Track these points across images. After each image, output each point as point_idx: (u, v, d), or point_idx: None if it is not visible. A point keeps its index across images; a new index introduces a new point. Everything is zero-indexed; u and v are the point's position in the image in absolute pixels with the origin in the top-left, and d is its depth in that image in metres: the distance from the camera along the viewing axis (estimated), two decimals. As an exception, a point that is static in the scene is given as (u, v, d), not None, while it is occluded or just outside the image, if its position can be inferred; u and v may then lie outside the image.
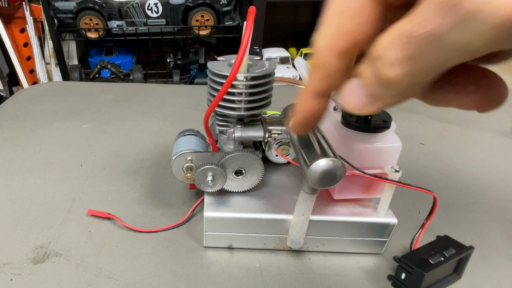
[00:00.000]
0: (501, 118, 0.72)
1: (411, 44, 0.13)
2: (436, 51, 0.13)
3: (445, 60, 0.13)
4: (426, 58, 0.13)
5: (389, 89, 0.15)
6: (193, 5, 1.69)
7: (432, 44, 0.13)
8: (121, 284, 0.35)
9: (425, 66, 0.13)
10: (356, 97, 0.16)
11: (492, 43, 0.12)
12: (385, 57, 0.14)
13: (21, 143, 0.57)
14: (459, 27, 0.12)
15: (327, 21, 0.16)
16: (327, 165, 0.27)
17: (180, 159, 0.37)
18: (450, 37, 0.12)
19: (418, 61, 0.13)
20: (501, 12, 0.11)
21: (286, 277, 0.36)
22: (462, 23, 0.12)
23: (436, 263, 0.33)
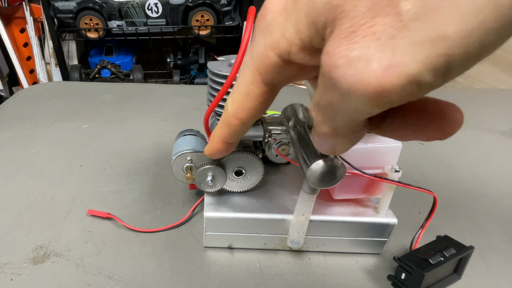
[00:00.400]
0: (501, 118, 0.72)
1: (323, 110, 0.17)
2: (342, 114, 0.16)
3: (355, 117, 0.16)
4: (338, 119, 0.16)
5: (332, 139, 0.18)
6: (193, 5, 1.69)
7: (336, 110, 0.16)
8: (121, 284, 0.35)
9: (342, 123, 0.16)
10: (323, 145, 0.19)
11: (376, 107, 0.14)
12: (314, 120, 0.18)
13: (21, 143, 0.57)
14: (345, 99, 0.15)
15: (235, 94, 0.22)
16: (327, 165, 0.27)
17: (180, 159, 0.37)
18: (344, 105, 0.15)
19: (334, 120, 0.17)
20: (369, 88, 0.13)
21: (286, 277, 0.36)
22: (346, 97, 0.14)
23: (436, 263, 0.33)
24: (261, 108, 0.22)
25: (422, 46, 0.12)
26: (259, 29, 0.19)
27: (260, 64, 0.19)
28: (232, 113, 0.22)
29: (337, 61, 0.14)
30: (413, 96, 0.14)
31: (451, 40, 0.12)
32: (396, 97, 0.13)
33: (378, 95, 0.13)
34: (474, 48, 0.12)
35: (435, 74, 0.13)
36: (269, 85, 0.20)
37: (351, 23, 0.14)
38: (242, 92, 0.21)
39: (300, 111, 0.35)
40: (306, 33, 0.16)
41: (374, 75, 0.13)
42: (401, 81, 0.13)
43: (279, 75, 0.19)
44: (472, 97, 0.83)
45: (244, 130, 0.24)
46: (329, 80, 0.15)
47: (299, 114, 0.35)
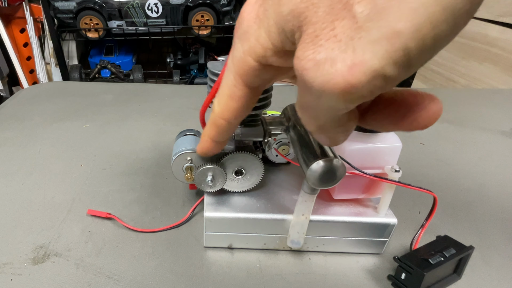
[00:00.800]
0: (501, 118, 0.72)
1: (305, 111, 0.18)
2: (321, 112, 0.17)
3: (334, 114, 0.17)
4: (320, 117, 0.17)
5: (323, 135, 0.19)
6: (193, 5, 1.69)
7: (315, 109, 0.17)
8: (121, 284, 0.35)
9: (324, 120, 0.18)
10: (320, 139, 0.20)
11: (349, 103, 0.15)
12: (302, 120, 0.19)
13: (21, 143, 0.57)
14: (320, 99, 0.16)
15: (220, 96, 0.23)
16: (327, 165, 0.27)
17: (180, 159, 0.37)
18: (320, 104, 0.16)
19: (317, 119, 0.18)
20: (337, 87, 0.14)
21: (286, 277, 0.36)
22: (320, 97, 0.16)
23: (436, 263, 0.33)
24: (244, 108, 0.23)
25: (379, 43, 0.13)
26: (237, 36, 0.20)
27: (240, 69, 0.21)
28: (219, 114, 0.24)
29: (306, 65, 0.15)
30: (382, 89, 0.14)
31: (404, 35, 0.13)
32: (365, 92, 0.14)
33: (347, 92, 0.14)
34: (428, 39, 0.13)
35: (397, 66, 0.14)
36: (250, 87, 0.22)
37: (314, 28, 0.15)
38: (226, 94, 0.23)
39: (300, 111, 0.35)
40: (277, 39, 0.18)
41: (340, 75, 0.14)
42: (367, 77, 0.14)
43: (259, 78, 0.21)
44: (472, 97, 0.83)
45: (231, 129, 0.25)
46: (303, 82, 0.16)
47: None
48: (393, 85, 0.15)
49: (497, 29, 1.34)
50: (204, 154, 0.29)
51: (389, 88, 0.15)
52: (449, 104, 0.78)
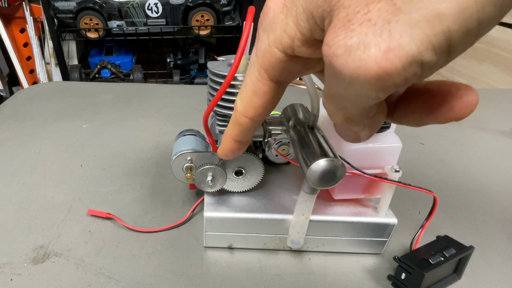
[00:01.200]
0: (501, 118, 0.72)
1: (333, 101, 0.17)
2: (351, 102, 0.16)
3: (364, 103, 0.16)
4: (349, 107, 0.17)
5: (350, 128, 0.19)
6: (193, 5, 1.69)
7: (344, 99, 0.16)
8: (121, 284, 0.35)
9: (353, 111, 0.17)
10: (345, 135, 0.20)
11: (381, 91, 0.14)
12: (328, 111, 0.19)
13: (21, 143, 0.57)
14: (350, 87, 0.15)
15: (244, 92, 0.22)
16: (327, 165, 0.27)
17: (180, 159, 0.37)
18: (350, 93, 0.15)
19: (346, 109, 0.17)
20: (370, 73, 0.14)
21: (286, 277, 0.36)
22: (351, 85, 0.15)
23: (436, 263, 0.33)
24: (269, 105, 0.22)
25: (419, 26, 0.12)
26: (262, 27, 0.19)
27: (266, 61, 0.20)
28: (242, 112, 0.23)
29: (336, 51, 0.14)
30: (419, 77, 0.14)
31: (447, 17, 0.12)
32: (400, 79, 0.14)
33: (380, 78, 0.14)
34: (473, 23, 0.12)
35: (436, 52, 0.13)
36: (276, 81, 0.21)
37: (347, 12, 0.14)
38: (250, 90, 0.21)
39: (300, 111, 0.35)
40: (306, 27, 0.17)
41: (374, 60, 0.13)
42: (402, 63, 0.13)
43: (285, 71, 0.20)
44: (472, 97, 0.82)
45: (255, 128, 0.24)
46: (332, 70, 0.15)
47: (299, 114, 0.35)
48: (429, 74, 0.14)
49: (497, 29, 1.34)
50: (226, 157, 0.28)
51: (424, 78, 0.14)
52: (449, 104, 0.77)
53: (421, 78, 0.14)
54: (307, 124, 0.32)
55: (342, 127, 0.19)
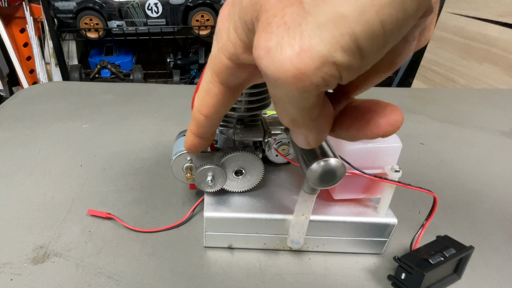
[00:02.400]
0: (501, 118, 0.72)
1: (275, 104, 0.18)
2: (287, 103, 0.17)
3: (299, 104, 0.16)
4: (289, 109, 0.17)
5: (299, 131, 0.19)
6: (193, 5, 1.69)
7: (281, 101, 0.17)
8: (121, 284, 0.35)
9: (293, 112, 0.17)
10: (298, 140, 0.21)
11: (304, 92, 0.15)
12: (277, 114, 0.19)
13: (21, 143, 0.57)
14: (277, 88, 0.16)
15: (199, 91, 0.23)
16: (327, 165, 0.27)
17: (180, 159, 0.37)
18: (281, 94, 0.16)
19: (287, 111, 0.18)
20: (288, 74, 0.14)
21: (286, 277, 0.36)
22: (277, 85, 0.15)
23: (436, 263, 0.33)
24: (221, 106, 0.23)
25: (325, 28, 0.13)
26: (215, 34, 0.21)
27: (215, 66, 0.21)
28: (197, 109, 0.24)
29: (260, 53, 0.15)
30: (338, 78, 0.14)
31: (349, 19, 0.13)
32: (317, 79, 0.14)
33: (298, 79, 0.14)
34: (375, 25, 0.13)
35: (346, 53, 0.13)
36: (225, 85, 0.22)
37: (267, 16, 0.15)
38: (204, 90, 0.23)
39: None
40: (243, 33, 0.18)
41: (289, 61, 0.14)
42: (315, 63, 0.14)
43: (233, 77, 0.21)
44: (472, 97, 0.83)
45: (211, 125, 0.25)
46: (263, 73, 0.16)
47: None
48: (350, 75, 0.14)
49: (497, 29, 1.34)
50: (190, 150, 0.29)
51: (347, 79, 0.14)
52: (449, 104, 0.78)
53: (342, 80, 0.14)
54: (307, 124, 0.32)
55: (293, 131, 0.20)
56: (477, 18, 1.42)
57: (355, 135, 0.19)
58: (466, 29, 1.47)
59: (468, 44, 1.46)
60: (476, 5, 1.42)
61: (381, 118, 0.18)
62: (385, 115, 0.18)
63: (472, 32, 1.44)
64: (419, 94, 0.82)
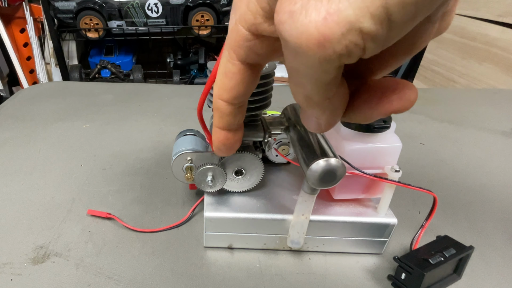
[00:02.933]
0: (501, 118, 0.72)
1: (290, 78, 0.17)
2: (304, 76, 0.16)
3: (316, 78, 0.16)
4: (305, 83, 0.17)
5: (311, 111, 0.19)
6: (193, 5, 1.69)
7: (298, 73, 0.16)
8: (121, 284, 0.35)
9: (309, 88, 0.17)
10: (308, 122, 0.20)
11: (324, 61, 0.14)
12: (292, 92, 0.18)
13: (21, 143, 0.57)
14: (297, 57, 0.15)
15: (217, 76, 0.22)
16: (327, 165, 0.27)
17: (180, 159, 0.37)
18: (300, 65, 0.15)
19: (303, 87, 0.17)
20: (311, 39, 0.14)
21: (286, 277, 0.36)
22: (297, 54, 0.15)
23: (436, 263, 0.33)
24: (241, 87, 0.22)
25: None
26: (232, 7, 0.20)
27: (233, 40, 0.20)
28: (217, 95, 0.23)
29: (282, 17, 0.14)
30: (361, 49, 0.14)
31: None
32: (340, 47, 0.14)
33: (321, 45, 0.14)
34: None
35: (375, 21, 0.13)
36: (244, 62, 0.21)
37: None
38: (221, 72, 0.22)
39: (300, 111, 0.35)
40: (265, 0, 0.17)
41: (314, 25, 0.13)
42: (341, 29, 0.13)
43: (251, 51, 0.20)
44: (472, 97, 0.83)
45: (234, 112, 0.24)
46: (283, 40, 0.15)
47: (299, 114, 0.35)
48: (373, 47, 0.14)
49: (497, 29, 1.34)
50: (220, 151, 0.27)
51: (370, 52, 0.14)
52: (449, 104, 0.78)
53: (365, 52, 0.14)
54: (307, 124, 0.32)
55: (305, 112, 0.19)
56: (477, 18, 1.42)
57: (368, 114, 0.18)
58: (466, 29, 1.47)
59: (468, 44, 1.46)
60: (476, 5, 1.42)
61: (395, 94, 0.17)
62: (399, 92, 0.17)
63: (472, 32, 1.44)
64: (419, 94, 0.82)
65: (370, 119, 0.19)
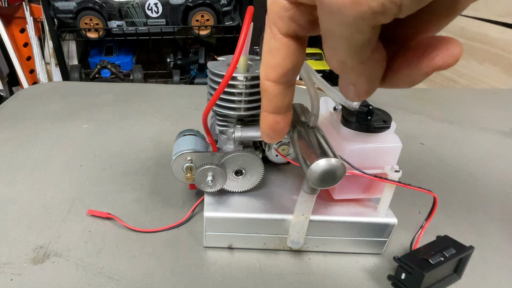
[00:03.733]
0: (501, 118, 0.72)
1: (325, 42, 0.17)
2: (339, 39, 0.16)
3: (351, 40, 0.16)
4: (339, 47, 0.17)
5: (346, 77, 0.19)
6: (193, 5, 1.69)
7: (332, 36, 0.17)
8: (121, 284, 0.35)
9: (343, 51, 0.17)
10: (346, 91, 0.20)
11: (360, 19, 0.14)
12: (326, 57, 0.18)
13: (21, 143, 0.57)
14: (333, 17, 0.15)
15: (262, 57, 0.22)
16: (327, 165, 0.27)
17: (180, 159, 0.37)
18: (334, 24, 0.16)
19: (337, 51, 0.17)
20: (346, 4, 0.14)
21: (286, 277, 0.36)
22: (333, 14, 0.15)
23: (436, 263, 0.33)
24: (287, 63, 0.21)
25: None
26: None
27: (272, 14, 0.20)
28: (263, 76, 0.22)
29: None
30: (397, 6, 0.14)
31: None
32: (376, 4, 0.14)
33: (355, 2, 0.14)
34: None
35: None
36: (287, 35, 0.20)
37: None
38: (265, 51, 0.21)
39: (300, 111, 0.35)
40: None
41: None
42: None
43: (292, 21, 0.20)
44: (472, 97, 0.83)
45: (283, 92, 0.23)
46: (317, 1, 0.15)
47: (299, 114, 0.35)
48: (408, 4, 0.14)
49: (497, 29, 1.34)
50: (269, 136, 0.26)
51: (407, 10, 0.14)
52: (449, 104, 0.78)
53: (402, 10, 0.14)
54: (307, 124, 0.32)
55: (342, 80, 0.19)
56: (477, 18, 1.42)
57: (409, 75, 0.18)
58: (466, 29, 1.47)
59: (468, 44, 1.46)
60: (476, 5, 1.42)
61: (437, 50, 0.17)
62: (440, 47, 0.17)
63: (472, 32, 1.44)
64: (419, 94, 0.82)
65: (413, 81, 0.18)
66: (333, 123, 0.36)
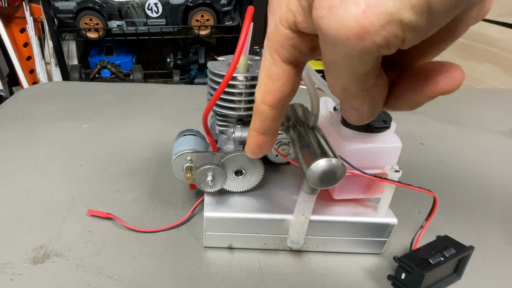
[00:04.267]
0: (501, 118, 0.72)
1: (328, 71, 0.18)
2: (342, 69, 0.16)
3: (354, 69, 0.16)
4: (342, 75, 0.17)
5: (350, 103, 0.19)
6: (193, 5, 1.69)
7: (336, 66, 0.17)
8: (121, 284, 0.35)
9: (347, 79, 0.17)
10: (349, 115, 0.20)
11: (364, 52, 0.15)
12: (328, 85, 0.19)
13: (21, 143, 0.57)
14: (336, 50, 0.15)
15: (260, 80, 0.22)
16: (327, 165, 0.27)
17: (180, 159, 0.37)
18: (338, 56, 0.16)
19: (340, 79, 0.17)
20: (351, 31, 0.14)
21: (286, 277, 0.36)
22: (336, 47, 0.15)
23: (436, 263, 0.33)
24: (286, 89, 0.22)
25: None
26: (270, 10, 0.20)
27: (275, 41, 0.20)
28: (260, 99, 0.22)
29: (321, 12, 0.15)
30: (401, 40, 0.14)
31: None
32: (380, 39, 0.14)
33: (361, 37, 0.14)
34: None
35: (415, 12, 0.13)
36: (288, 62, 0.21)
37: None
38: (265, 76, 0.21)
39: (300, 111, 0.35)
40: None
41: (354, 18, 0.14)
42: (381, 21, 0.13)
43: (294, 50, 0.20)
44: (472, 97, 0.83)
45: (276, 116, 0.23)
46: (321, 34, 0.16)
47: (299, 114, 0.35)
48: (413, 37, 0.14)
49: (497, 29, 1.34)
50: (254, 155, 0.27)
51: (410, 43, 0.14)
52: (449, 104, 0.78)
53: (405, 43, 0.14)
54: (307, 124, 0.32)
55: (344, 105, 0.19)
56: (477, 18, 1.42)
57: (413, 99, 0.18)
58: (466, 29, 1.47)
59: (468, 44, 1.46)
60: (476, 5, 1.42)
61: (442, 74, 0.17)
62: (445, 72, 0.17)
63: (472, 32, 1.44)
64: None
65: (416, 104, 0.18)
66: (333, 123, 0.36)
